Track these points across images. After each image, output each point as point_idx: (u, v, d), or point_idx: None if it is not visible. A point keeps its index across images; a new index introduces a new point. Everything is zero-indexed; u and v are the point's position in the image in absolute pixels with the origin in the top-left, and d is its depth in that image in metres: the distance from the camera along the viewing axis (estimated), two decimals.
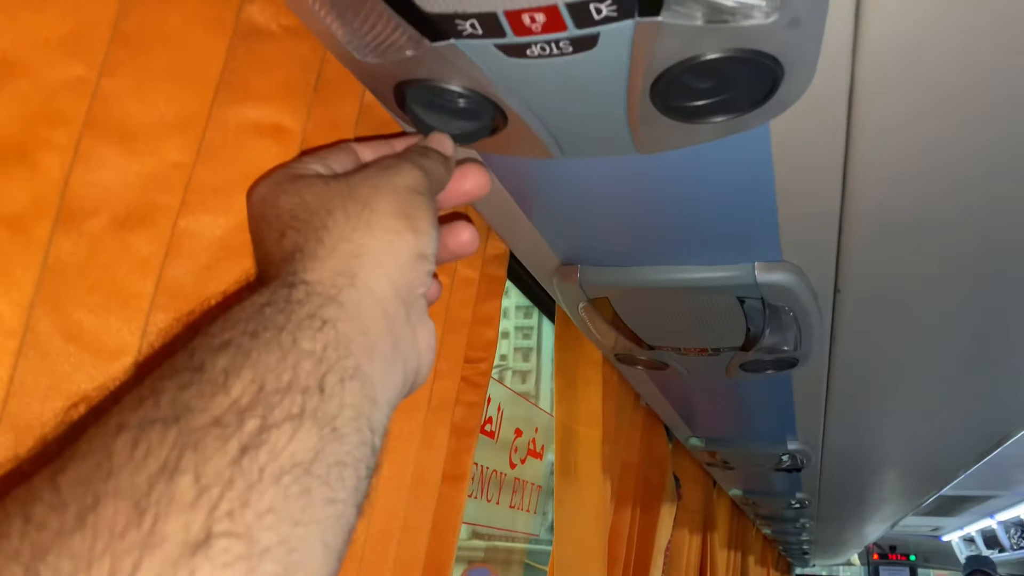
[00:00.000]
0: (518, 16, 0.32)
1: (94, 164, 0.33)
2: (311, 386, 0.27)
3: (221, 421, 0.25)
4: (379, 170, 0.36)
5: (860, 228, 0.55)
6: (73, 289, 0.33)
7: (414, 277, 0.34)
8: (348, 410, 0.28)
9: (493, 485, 1.09)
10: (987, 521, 4.59)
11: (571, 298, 0.71)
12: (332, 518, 0.26)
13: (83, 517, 0.22)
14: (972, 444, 1.40)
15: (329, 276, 0.31)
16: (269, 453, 0.25)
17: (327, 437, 0.26)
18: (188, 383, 0.26)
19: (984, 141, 0.43)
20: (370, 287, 0.32)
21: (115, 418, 0.25)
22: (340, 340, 0.29)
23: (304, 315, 0.29)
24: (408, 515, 0.58)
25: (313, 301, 0.30)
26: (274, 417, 0.25)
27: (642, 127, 0.40)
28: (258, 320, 0.28)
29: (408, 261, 0.34)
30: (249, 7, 0.39)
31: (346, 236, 0.32)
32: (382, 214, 0.33)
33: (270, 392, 0.26)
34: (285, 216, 0.34)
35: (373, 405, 0.30)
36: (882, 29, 0.35)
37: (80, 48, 0.30)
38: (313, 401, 0.27)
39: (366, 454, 0.28)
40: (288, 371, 0.27)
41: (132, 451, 0.23)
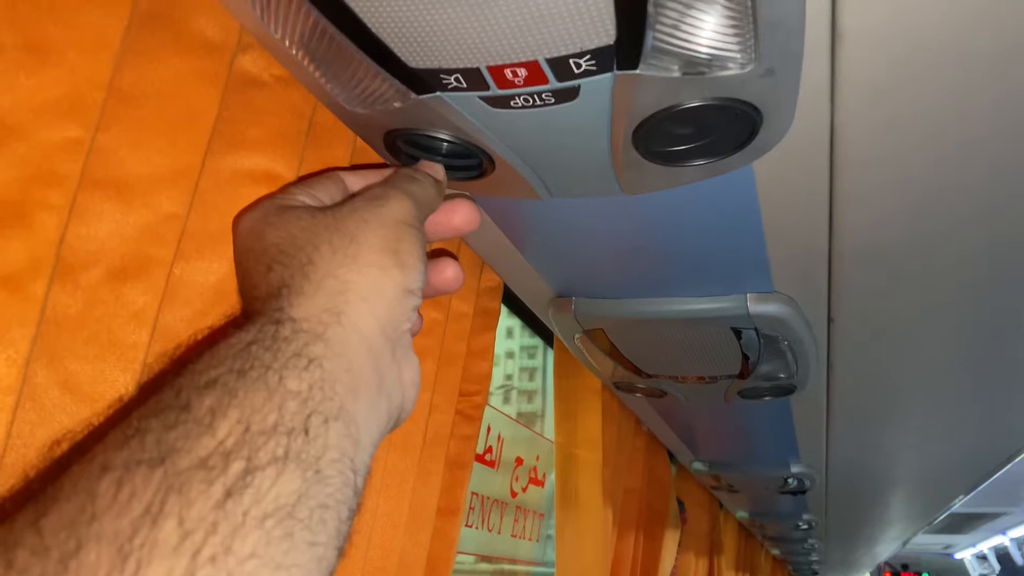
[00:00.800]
0: (500, 71, 0.33)
1: (90, 218, 0.34)
2: (296, 427, 0.27)
3: (206, 463, 0.25)
4: (366, 201, 0.36)
5: (850, 260, 0.56)
6: (70, 341, 0.33)
7: (400, 313, 0.34)
8: (332, 451, 0.28)
9: (495, 514, 1.09)
10: (999, 538, 4.54)
11: (567, 329, 0.71)
12: (313, 561, 0.26)
13: (66, 563, 0.22)
14: (979, 463, 1.39)
15: (315, 312, 0.31)
16: (253, 496, 0.25)
17: (310, 479, 0.26)
18: (174, 423, 0.26)
19: (967, 175, 0.44)
20: (356, 324, 0.32)
21: (100, 457, 0.25)
22: (326, 379, 0.29)
23: (291, 353, 0.29)
24: (404, 550, 0.58)
25: (299, 339, 0.30)
26: (259, 459, 0.25)
27: (627, 171, 0.41)
28: (245, 358, 0.28)
29: (394, 297, 0.34)
30: (241, 58, 0.40)
31: (332, 272, 0.32)
32: (368, 249, 0.33)
33: (256, 433, 0.26)
34: (272, 250, 0.34)
35: (356, 446, 0.30)
36: (858, 74, 0.36)
37: (75, 109, 0.31)
38: (298, 443, 0.27)
39: (348, 496, 0.28)
40: (274, 412, 0.27)
41: (116, 493, 0.23)
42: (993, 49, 0.34)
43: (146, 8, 0.35)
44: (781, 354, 0.70)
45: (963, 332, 0.72)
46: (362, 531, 0.52)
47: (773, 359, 0.71)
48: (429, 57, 0.32)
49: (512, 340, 1.91)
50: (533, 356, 1.95)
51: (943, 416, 1.05)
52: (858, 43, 0.34)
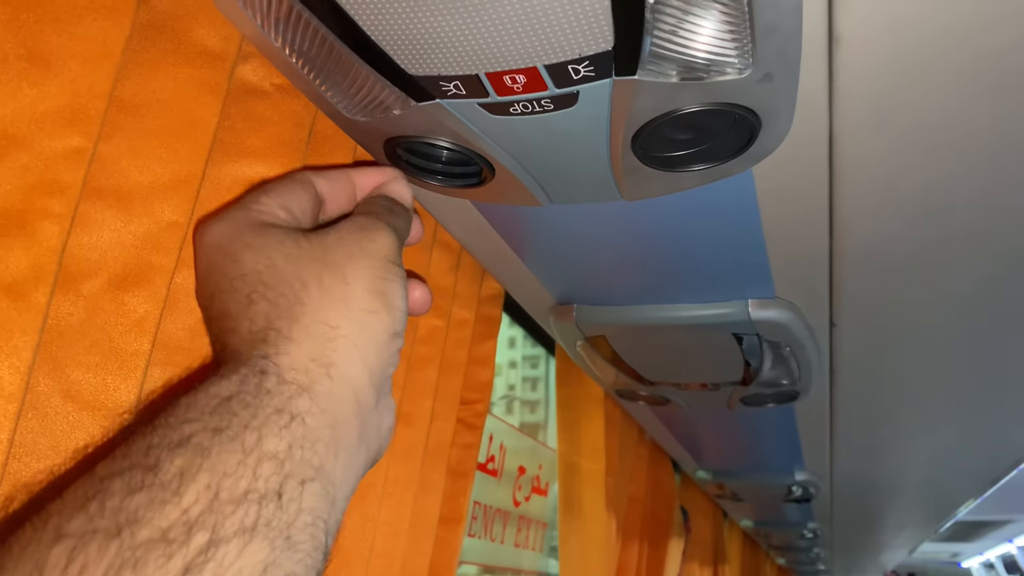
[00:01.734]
0: (500, 78, 0.33)
1: (92, 227, 0.34)
2: (268, 492, 0.26)
3: (167, 535, 0.23)
4: (353, 231, 0.34)
5: (851, 264, 0.56)
6: (71, 349, 0.33)
7: (387, 358, 0.33)
8: (305, 516, 0.27)
9: (497, 524, 1.08)
10: (1006, 546, 4.50)
11: (568, 337, 0.71)
12: None
13: None
14: (985, 468, 1.39)
15: (303, 362, 0.30)
16: (214, 571, 0.23)
17: (279, 548, 0.25)
18: (139, 486, 0.24)
19: (967, 179, 0.44)
20: (345, 375, 0.31)
21: (54, 520, 0.23)
22: (307, 437, 0.28)
23: (272, 409, 0.28)
24: (406, 559, 0.58)
25: (284, 392, 0.29)
26: (225, 530, 0.24)
27: (626, 176, 0.41)
28: (222, 414, 0.27)
29: (384, 343, 0.33)
30: (241, 67, 0.41)
31: (323, 316, 0.31)
32: (359, 289, 0.32)
33: (224, 502, 0.25)
34: (252, 277, 0.32)
35: (331, 507, 0.29)
36: (856, 79, 0.36)
37: (77, 119, 0.31)
38: (269, 510, 0.26)
39: (318, 560, 0.27)
40: (247, 476, 0.26)
41: (66, 567, 0.22)
42: (990, 53, 0.34)
43: (147, 18, 0.35)
44: (783, 360, 0.70)
45: (965, 337, 0.72)
46: (364, 540, 0.52)
47: (775, 365, 0.71)
48: (428, 64, 0.32)
49: (515, 350, 1.91)
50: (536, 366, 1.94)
51: (948, 421, 1.04)
52: (855, 48, 0.34)
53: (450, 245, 0.62)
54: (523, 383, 1.95)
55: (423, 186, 0.45)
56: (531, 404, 1.85)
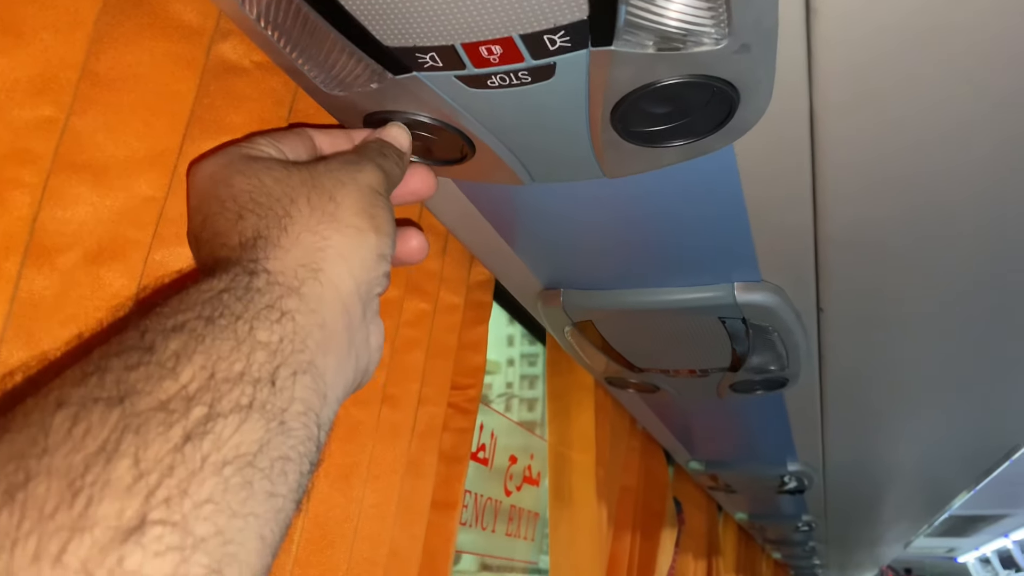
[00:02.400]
0: (475, 48, 0.33)
1: (67, 202, 0.34)
2: (263, 378, 0.27)
3: (167, 406, 0.24)
4: (342, 163, 0.36)
5: (837, 246, 0.56)
6: (46, 323, 0.33)
7: (374, 277, 0.34)
8: (297, 404, 0.28)
9: (488, 513, 1.08)
10: (1002, 541, 4.52)
11: (556, 322, 0.71)
12: (271, 512, 0.26)
13: (12, 494, 0.21)
14: (979, 458, 1.39)
15: (292, 267, 0.31)
16: (213, 443, 0.24)
17: (274, 431, 0.26)
18: (136, 364, 0.25)
19: (951, 153, 0.44)
20: (333, 281, 0.32)
21: (55, 392, 0.24)
22: (297, 333, 0.29)
23: (263, 305, 0.29)
24: (395, 543, 0.58)
25: (273, 291, 0.29)
26: (222, 407, 0.25)
27: (606, 152, 0.41)
28: (215, 305, 0.28)
29: (371, 260, 0.34)
30: (220, 45, 0.40)
31: (311, 227, 0.32)
32: (347, 210, 0.33)
33: (220, 380, 0.26)
34: (242, 197, 0.33)
35: (323, 401, 0.30)
36: (835, 51, 0.36)
37: (49, 89, 0.31)
38: (263, 393, 0.26)
39: (311, 449, 0.28)
40: (241, 360, 0.26)
41: (71, 429, 0.23)
42: (973, 24, 0.34)
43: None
44: (771, 345, 0.70)
45: (955, 323, 0.72)
46: (349, 521, 0.51)
47: (763, 350, 0.71)
48: (403, 35, 0.32)
49: (513, 348, 1.91)
50: (534, 364, 1.94)
51: (940, 410, 1.04)
52: (833, 20, 0.34)
53: (436, 229, 0.62)
54: (521, 381, 1.96)
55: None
56: (529, 402, 1.86)
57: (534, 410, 1.88)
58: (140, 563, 0.21)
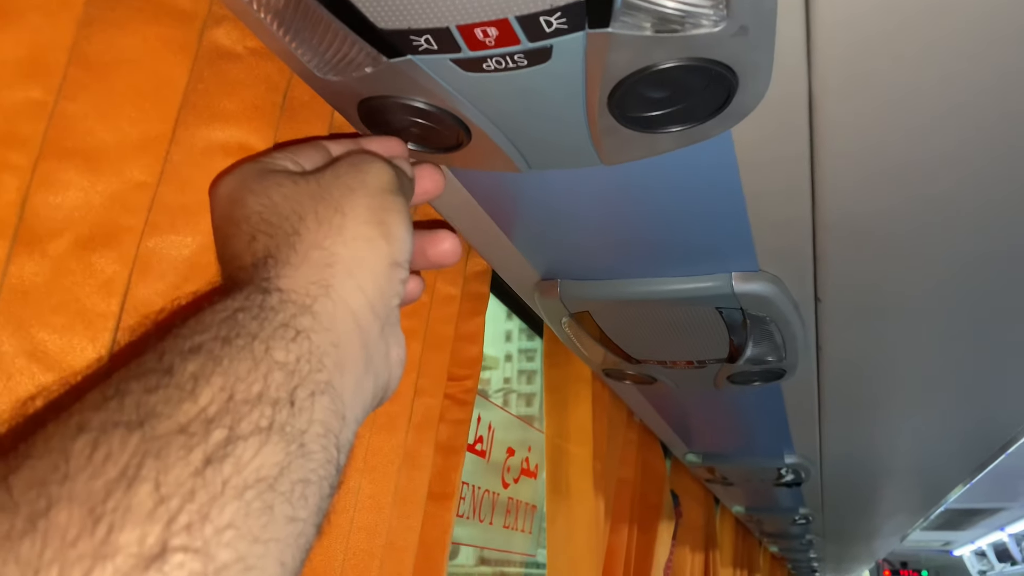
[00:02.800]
0: (471, 31, 0.32)
1: (57, 187, 0.34)
2: (281, 399, 0.26)
3: (187, 429, 0.24)
4: (350, 167, 0.35)
5: (835, 235, 0.55)
6: (37, 309, 0.33)
7: (387, 288, 0.34)
8: (317, 426, 0.27)
9: (486, 505, 1.08)
10: (998, 534, 4.54)
11: (554, 313, 0.71)
12: (292, 536, 0.25)
13: (34, 522, 0.21)
14: (975, 450, 1.39)
15: (303, 284, 0.30)
16: (234, 466, 0.24)
17: (294, 453, 0.26)
18: (155, 387, 0.25)
19: (952, 139, 0.43)
20: (343, 298, 0.31)
21: (76, 417, 0.24)
22: (313, 352, 0.29)
23: (278, 323, 0.28)
24: (391, 534, 0.58)
25: (287, 309, 0.29)
26: (241, 429, 0.25)
27: (604, 138, 0.41)
28: (231, 326, 0.27)
29: (382, 271, 0.33)
30: (214, 30, 0.40)
31: (318, 243, 0.32)
32: (354, 220, 0.33)
33: (239, 402, 0.25)
34: (254, 218, 0.33)
35: (342, 422, 0.29)
36: (834, 34, 0.36)
37: (37, 71, 0.31)
38: (283, 415, 0.26)
39: (331, 472, 0.28)
40: (259, 382, 0.26)
41: (91, 454, 0.23)
42: (974, 8, 0.33)
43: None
44: (769, 336, 0.69)
45: (953, 314, 0.72)
46: (345, 512, 0.51)
47: (761, 341, 0.71)
48: (397, 17, 0.32)
49: (511, 343, 1.91)
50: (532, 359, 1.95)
51: (937, 402, 1.04)
52: (833, 2, 0.34)
53: (432, 218, 0.62)
54: (519, 376, 1.96)
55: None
56: (527, 396, 1.86)
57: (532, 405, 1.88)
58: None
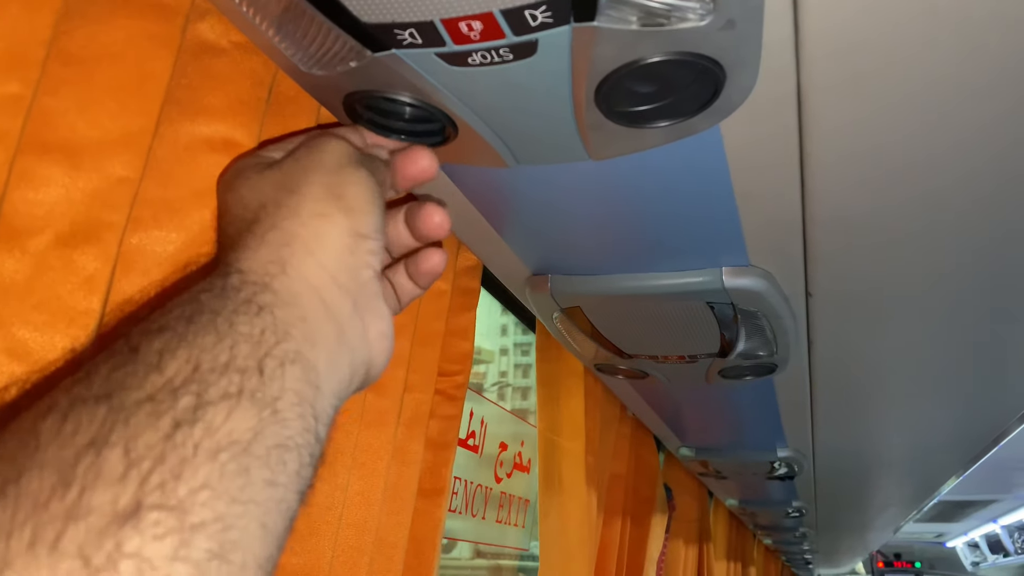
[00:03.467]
0: (455, 24, 0.32)
1: (38, 183, 0.33)
2: (249, 367, 0.27)
3: (154, 398, 0.24)
4: (306, 150, 0.36)
5: (825, 229, 0.55)
6: (18, 307, 0.33)
7: (352, 261, 0.33)
8: (290, 394, 0.28)
9: (479, 500, 1.08)
10: (990, 526, 4.56)
11: (545, 308, 0.71)
12: (272, 501, 0.26)
13: (3, 489, 0.22)
14: (967, 443, 1.39)
15: (260, 264, 0.31)
16: (204, 430, 0.24)
17: (267, 419, 0.26)
18: (122, 364, 0.26)
19: (941, 133, 0.43)
20: (303, 275, 0.31)
21: (47, 400, 0.25)
22: (279, 325, 0.29)
23: (240, 300, 0.29)
24: (381, 530, 0.57)
25: (248, 288, 0.30)
26: (210, 395, 0.25)
27: (591, 133, 0.40)
28: (194, 306, 0.28)
29: (343, 246, 0.33)
30: (198, 24, 0.40)
31: (275, 224, 0.32)
32: (310, 198, 0.33)
33: (206, 371, 0.26)
34: (227, 215, 0.35)
35: (316, 392, 0.29)
36: (822, 28, 0.35)
37: (16, 65, 0.30)
38: (252, 382, 0.26)
39: (309, 440, 0.28)
40: (225, 352, 0.27)
41: (60, 427, 0.23)
42: (965, 3, 0.33)
43: None
44: (760, 330, 0.69)
45: (945, 308, 0.72)
46: (333, 508, 0.51)
47: (752, 336, 0.71)
48: (381, 10, 0.31)
49: (506, 337, 1.92)
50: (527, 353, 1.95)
51: (929, 395, 1.04)
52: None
53: None
54: (515, 370, 1.97)
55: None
56: (523, 391, 1.87)
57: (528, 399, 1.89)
58: (139, 546, 0.21)
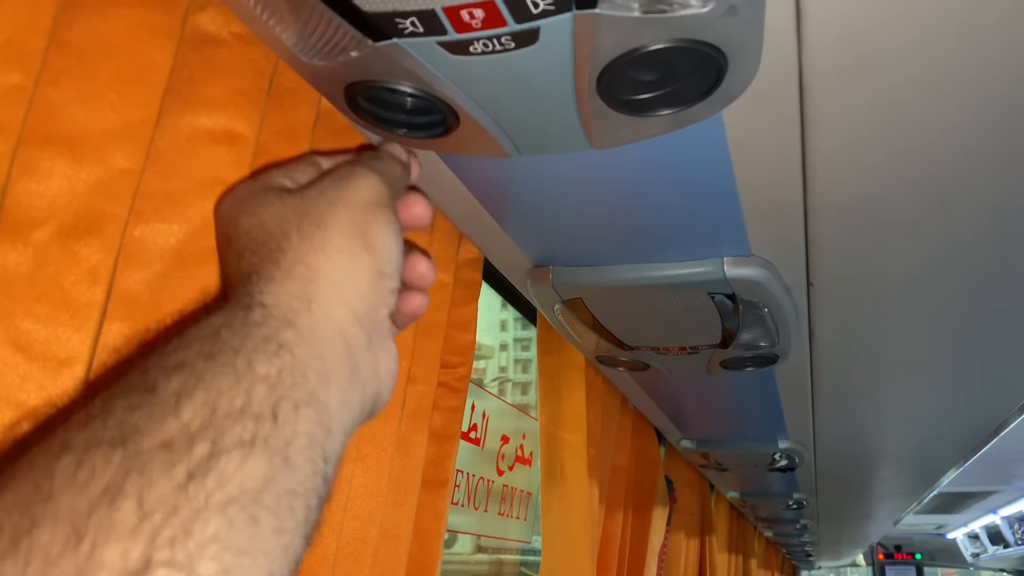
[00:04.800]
0: (456, 12, 0.32)
1: (40, 174, 0.33)
2: (264, 412, 0.27)
3: (170, 445, 0.24)
4: (334, 181, 0.35)
5: (826, 218, 0.55)
6: (21, 299, 0.33)
7: (373, 299, 0.34)
8: (301, 438, 0.27)
9: (480, 493, 1.08)
10: (991, 517, 4.57)
11: (546, 300, 0.71)
12: (279, 549, 0.25)
13: (17, 541, 0.21)
14: (967, 434, 1.39)
15: (286, 299, 0.31)
16: (217, 480, 0.24)
17: (278, 466, 0.26)
18: (139, 404, 0.25)
19: (943, 119, 0.43)
20: (327, 312, 0.31)
21: (60, 437, 0.24)
22: (296, 366, 0.29)
23: (260, 338, 0.29)
24: (386, 522, 0.58)
25: (269, 324, 0.29)
26: (224, 443, 0.25)
27: (593, 122, 0.40)
28: (213, 342, 0.28)
29: (366, 283, 0.33)
30: (199, 15, 0.40)
31: (301, 258, 0.32)
32: (336, 232, 0.33)
33: (222, 416, 0.26)
34: (243, 238, 0.34)
35: (327, 434, 0.29)
36: (824, 14, 0.35)
37: (16, 56, 0.30)
38: (265, 428, 0.26)
39: (318, 484, 0.28)
40: (241, 395, 0.26)
41: (75, 472, 0.23)
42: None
43: None
44: (761, 321, 0.69)
45: (945, 298, 0.72)
46: (338, 500, 0.51)
47: (753, 326, 0.71)
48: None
49: (506, 333, 1.92)
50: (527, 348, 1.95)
51: (929, 385, 1.05)
52: None
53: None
54: (515, 365, 1.97)
55: (389, 139, 0.44)
56: (523, 385, 1.87)
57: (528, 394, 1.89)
58: None
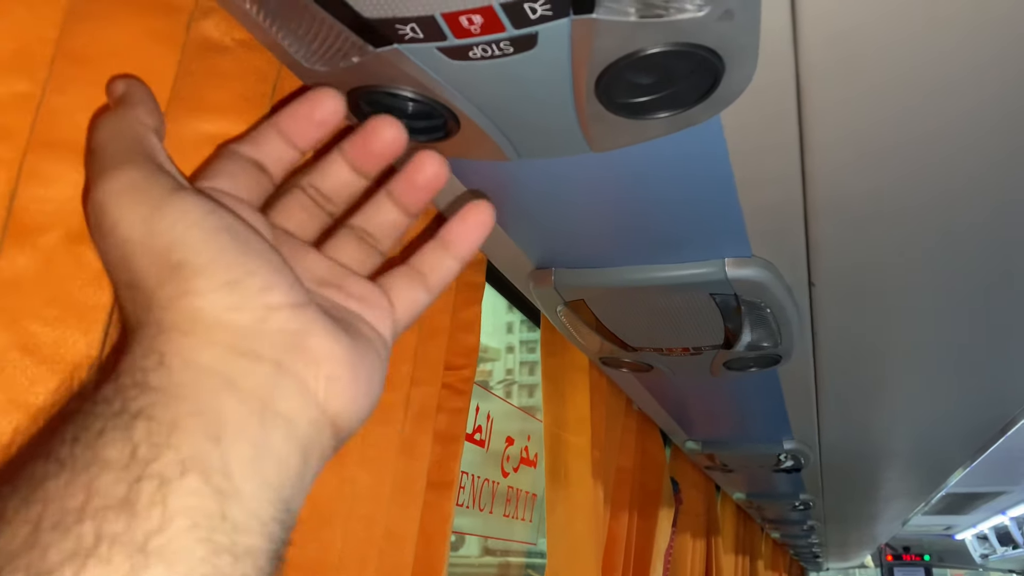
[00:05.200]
0: (455, 18, 0.32)
1: (47, 181, 0.34)
2: (110, 505, 0.22)
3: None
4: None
5: (827, 218, 0.55)
6: (29, 303, 0.33)
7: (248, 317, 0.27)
8: (179, 519, 0.23)
9: (486, 495, 1.09)
10: (999, 518, 4.55)
11: (549, 302, 0.71)
12: None
13: None
14: (974, 433, 1.39)
15: (137, 361, 0.26)
16: None
17: (139, 565, 0.22)
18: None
19: (941, 119, 0.43)
20: (186, 360, 0.26)
21: None
22: (159, 433, 0.24)
23: (111, 414, 0.24)
24: (391, 523, 0.58)
25: (120, 397, 0.25)
26: (46, 564, 0.21)
27: (592, 125, 0.41)
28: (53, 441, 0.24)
29: (223, 307, 0.27)
30: (202, 22, 0.40)
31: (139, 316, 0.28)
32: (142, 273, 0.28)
33: (45, 530, 0.22)
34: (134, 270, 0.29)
35: (228, 500, 0.24)
36: (819, 13, 0.36)
37: (24, 64, 0.31)
38: (114, 525, 0.22)
39: (225, 563, 0.23)
40: (78, 494, 0.22)
41: None
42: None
43: None
44: (764, 321, 0.70)
45: (950, 293, 0.72)
46: (343, 502, 0.52)
47: (756, 327, 0.71)
48: (382, 5, 0.32)
49: (512, 335, 1.92)
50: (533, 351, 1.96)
51: (935, 384, 1.04)
52: None
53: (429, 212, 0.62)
54: (521, 367, 1.97)
55: None
56: (529, 388, 1.87)
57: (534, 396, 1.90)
58: None
